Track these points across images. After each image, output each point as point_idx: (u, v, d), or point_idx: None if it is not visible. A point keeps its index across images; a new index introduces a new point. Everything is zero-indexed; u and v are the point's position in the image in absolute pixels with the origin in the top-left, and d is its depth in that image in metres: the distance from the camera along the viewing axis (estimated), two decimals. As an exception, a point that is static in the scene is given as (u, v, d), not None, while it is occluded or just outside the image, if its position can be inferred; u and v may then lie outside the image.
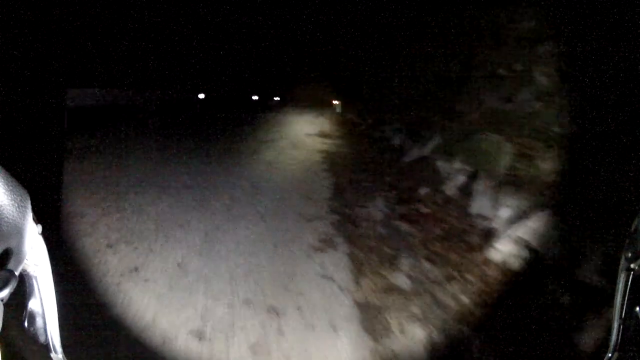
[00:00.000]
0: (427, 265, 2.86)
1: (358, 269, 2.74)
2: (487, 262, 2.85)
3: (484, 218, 3.60)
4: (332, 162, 6.95)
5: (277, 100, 32.42)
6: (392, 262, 2.89)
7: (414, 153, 6.07)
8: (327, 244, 3.15)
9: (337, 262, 2.83)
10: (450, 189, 4.33)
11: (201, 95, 15.74)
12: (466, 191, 4.13)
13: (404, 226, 3.63)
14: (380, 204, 4.31)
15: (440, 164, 4.88)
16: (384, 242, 3.23)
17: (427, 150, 5.68)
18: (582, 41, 3.84)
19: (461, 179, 4.33)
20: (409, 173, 5.48)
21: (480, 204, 3.82)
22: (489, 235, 3.24)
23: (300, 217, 3.74)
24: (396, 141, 7.71)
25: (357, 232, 3.44)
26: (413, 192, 4.66)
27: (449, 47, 6.98)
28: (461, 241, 3.23)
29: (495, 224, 3.37)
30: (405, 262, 2.88)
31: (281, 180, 5.29)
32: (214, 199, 4.04)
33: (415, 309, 2.38)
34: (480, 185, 4.06)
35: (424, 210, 4.06)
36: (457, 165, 4.62)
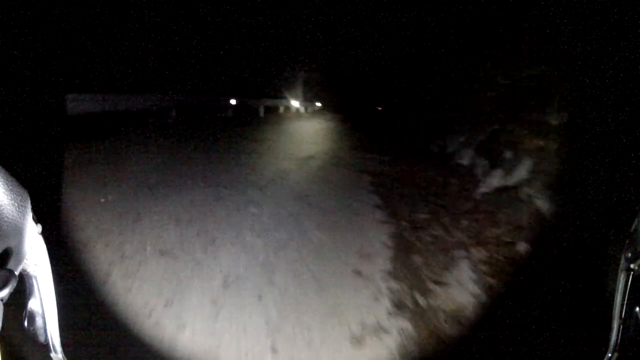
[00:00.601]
0: None
1: None
2: None
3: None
4: (383, 191, 5.07)
5: (319, 106, 31.62)
6: None
7: (493, 180, 4.40)
8: None
9: None
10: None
11: (233, 101, 13.16)
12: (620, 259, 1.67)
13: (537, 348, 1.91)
14: (467, 278, 2.73)
15: (545, 205, 3.17)
16: None
17: (514, 178, 4.03)
18: (582, 41, 3.83)
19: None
20: (492, 212, 3.77)
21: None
22: None
23: (343, 335, 1.97)
24: (464, 160, 5.86)
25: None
26: (511, 249, 3.07)
27: (532, 41, 5.23)
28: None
29: None
30: None
31: (314, 228, 3.43)
32: (202, 284, 2.32)
33: None
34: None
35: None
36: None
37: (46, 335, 0.53)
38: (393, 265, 2.86)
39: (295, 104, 22.47)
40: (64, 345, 0.56)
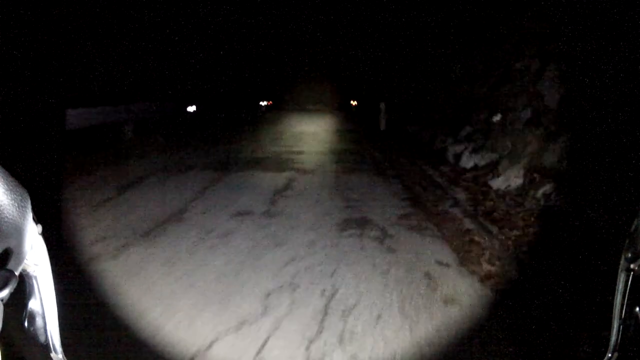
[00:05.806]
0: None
1: None
2: None
3: None
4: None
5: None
6: None
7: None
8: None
9: None
10: None
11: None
12: None
13: None
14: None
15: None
16: None
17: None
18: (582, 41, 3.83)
19: None
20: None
21: None
22: None
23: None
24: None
25: None
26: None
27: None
28: None
29: None
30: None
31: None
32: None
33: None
34: None
35: None
36: None
37: (46, 336, 0.53)
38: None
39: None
40: (64, 345, 0.56)
